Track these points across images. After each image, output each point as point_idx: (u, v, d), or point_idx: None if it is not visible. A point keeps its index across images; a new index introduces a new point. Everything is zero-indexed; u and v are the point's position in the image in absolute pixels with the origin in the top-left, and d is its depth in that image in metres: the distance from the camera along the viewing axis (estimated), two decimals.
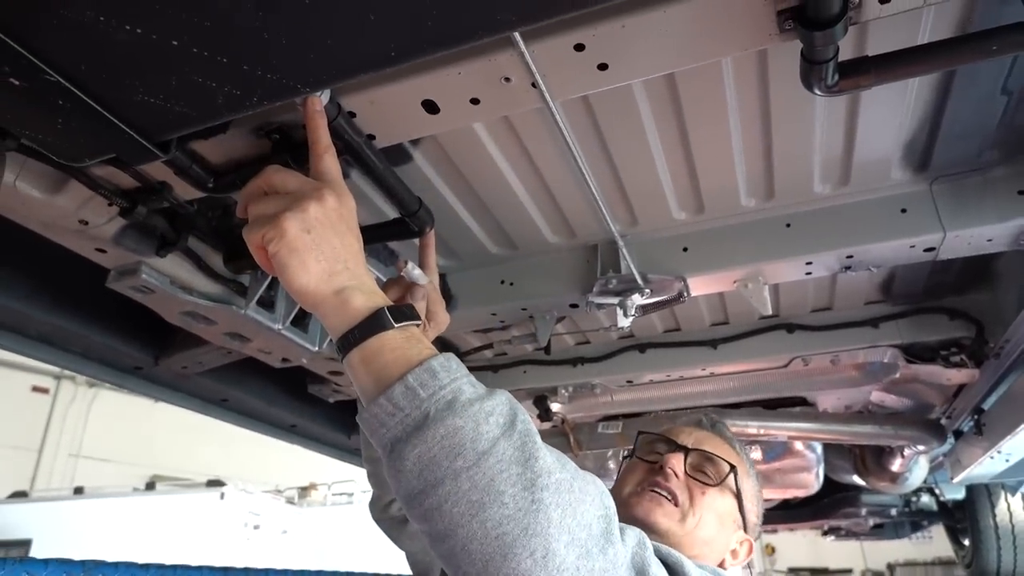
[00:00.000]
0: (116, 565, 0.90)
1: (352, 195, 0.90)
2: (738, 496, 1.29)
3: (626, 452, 1.56)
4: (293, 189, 0.82)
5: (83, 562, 0.87)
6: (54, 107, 0.72)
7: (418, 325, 0.82)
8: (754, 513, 1.34)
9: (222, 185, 1.22)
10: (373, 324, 0.77)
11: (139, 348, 1.93)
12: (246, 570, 1.12)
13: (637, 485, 1.29)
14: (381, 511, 1.40)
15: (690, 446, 1.32)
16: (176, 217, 1.47)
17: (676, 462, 1.28)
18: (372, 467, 1.38)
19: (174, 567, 0.99)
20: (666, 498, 1.24)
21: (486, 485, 0.68)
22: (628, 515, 1.23)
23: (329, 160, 0.88)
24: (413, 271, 1.14)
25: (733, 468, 1.30)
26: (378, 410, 0.73)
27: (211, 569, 1.05)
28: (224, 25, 0.64)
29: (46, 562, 0.83)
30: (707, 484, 1.28)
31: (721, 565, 1.27)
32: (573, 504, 0.71)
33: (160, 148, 0.83)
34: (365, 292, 0.79)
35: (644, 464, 1.34)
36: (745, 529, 1.32)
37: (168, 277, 1.53)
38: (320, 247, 0.78)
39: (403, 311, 0.80)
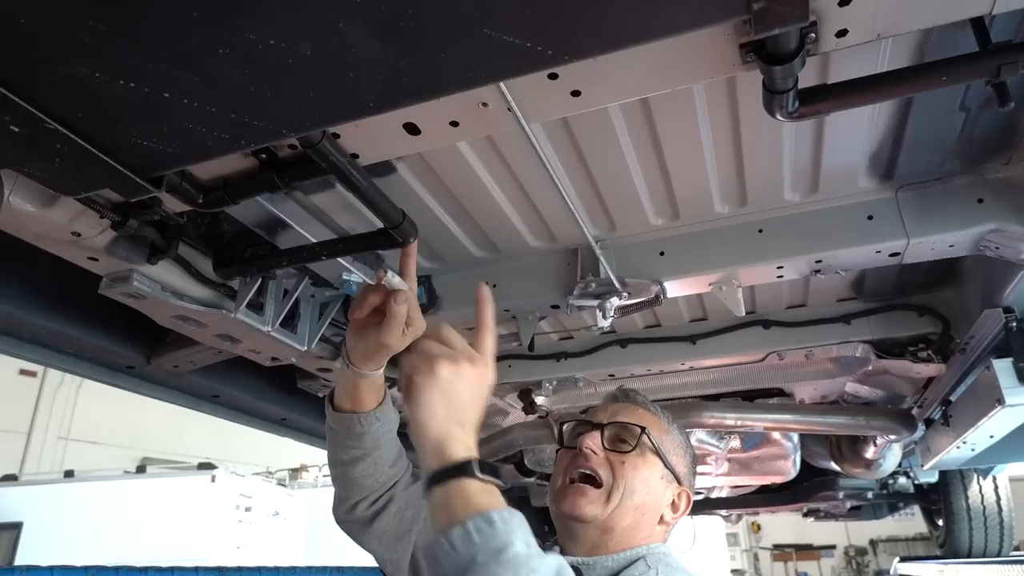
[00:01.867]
0: (117, 570, 0.96)
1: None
2: (658, 453, 1.33)
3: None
4: (458, 347, 0.99)
5: (85, 568, 0.92)
6: (52, 150, 0.76)
7: (501, 487, 0.91)
8: (682, 464, 1.38)
9: (211, 201, 1.26)
10: (462, 469, 0.88)
11: (131, 348, 1.97)
12: (239, 569, 1.18)
13: (564, 475, 1.33)
14: (346, 512, 1.38)
15: (605, 421, 1.36)
16: (166, 227, 1.51)
17: (592, 441, 1.32)
18: (339, 470, 1.38)
19: (171, 569, 1.05)
20: (590, 484, 1.29)
21: None
22: (557, 511, 1.30)
23: (489, 338, 1.04)
24: (393, 279, 1.20)
25: (643, 429, 1.33)
26: (438, 548, 0.81)
27: (207, 569, 1.11)
28: (212, 80, 0.69)
29: (51, 570, 0.89)
30: (624, 452, 1.31)
31: (662, 521, 1.32)
32: None
33: (152, 183, 0.88)
34: (466, 447, 0.91)
35: (568, 451, 1.38)
36: (679, 481, 1.36)
37: (159, 283, 1.58)
38: (452, 398, 0.94)
39: (490, 466, 0.91)
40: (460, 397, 0.95)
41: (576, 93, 1.07)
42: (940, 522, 4.79)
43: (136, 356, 2.00)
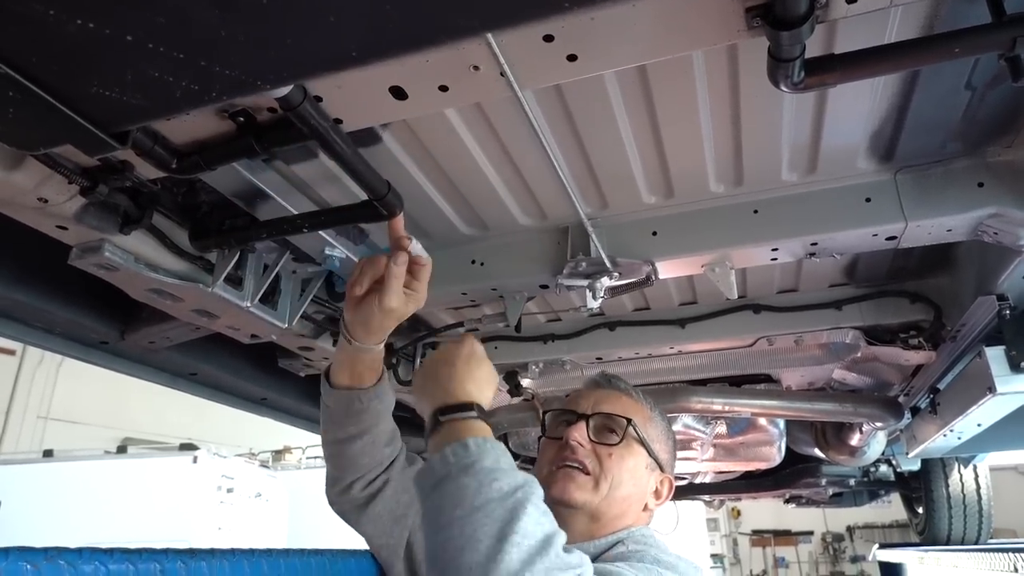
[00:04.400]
0: (80, 551, 0.91)
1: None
2: (643, 443, 1.35)
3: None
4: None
5: (45, 550, 0.87)
6: (4, 98, 0.70)
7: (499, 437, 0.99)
8: (664, 451, 1.40)
9: (186, 166, 1.20)
10: (458, 408, 1.07)
11: (104, 323, 1.90)
12: (211, 551, 1.13)
13: (551, 464, 1.33)
14: (340, 493, 1.39)
15: (590, 411, 1.36)
16: (140, 195, 1.44)
17: (578, 433, 1.33)
18: (334, 448, 1.38)
19: (139, 551, 1.00)
20: (578, 469, 1.29)
21: (470, 533, 0.85)
22: (546, 496, 1.28)
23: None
24: (417, 245, 1.26)
25: (629, 421, 1.35)
26: (419, 471, 1.01)
27: (176, 552, 1.06)
28: (179, 21, 0.63)
29: (6, 551, 0.83)
30: (611, 445, 1.32)
31: (646, 508, 1.35)
32: (535, 562, 0.83)
33: (117, 139, 0.81)
34: (467, 395, 1.11)
35: (553, 442, 1.37)
36: (661, 469, 1.38)
37: (132, 255, 1.51)
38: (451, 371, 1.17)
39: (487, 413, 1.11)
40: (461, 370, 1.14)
41: (572, 58, 1.01)
42: (920, 509, 4.84)
43: (110, 331, 1.93)
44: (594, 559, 1.18)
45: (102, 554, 0.97)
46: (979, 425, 2.24)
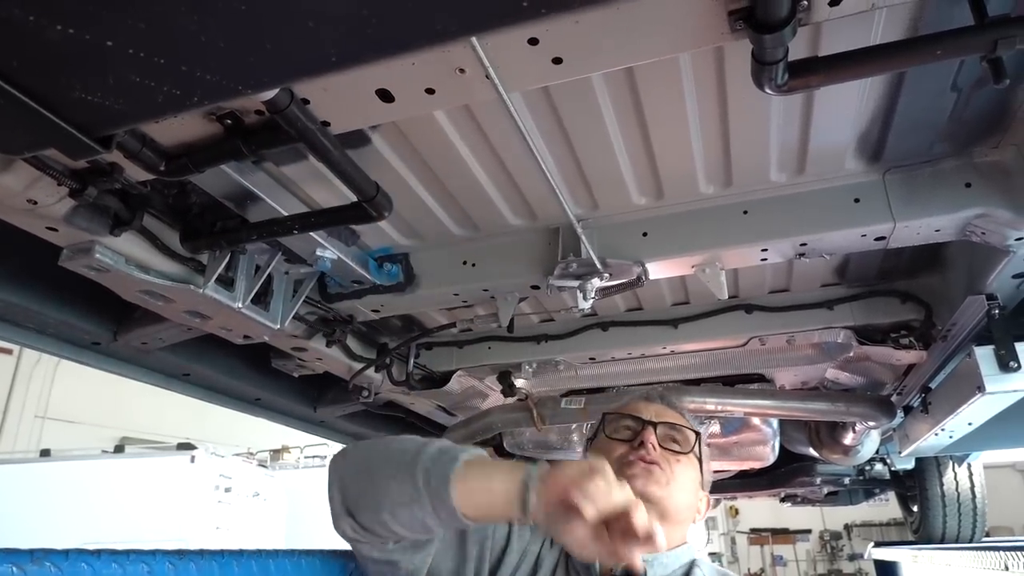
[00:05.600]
0: (67, 553, 0.91)
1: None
2: (699, 459, 1.39)
3: (588, 431, 1.59)
4: None
5: (31, 551, 0.87)
6: None
7: None
8: (708, 471, 1.45)
9: (174, 168, 1.20)
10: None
11: (97, 324, 1.91)
12: (200, 552, 1.13)
13: (620, 461, 1.32)
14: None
15: (656, 420, 1.38)
16: (130, 196, 1.45)
17: (652, 436, 1.34)
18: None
19: (127, 552, 1.00)
20: (656, 466, 1.31)
21: None
22: None
23: None
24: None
25: (698, 434, 1.40)
26: None
27: (164, 552, 1.06)
28: (159, 28, 0.63)
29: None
30: (681, 453, 1.35)
31: (693, 519, 1.39)
32: None
33: (101, 143, 0.82)
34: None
35: (619, 442, 1.37)
36: (703, 487, 1.43)
37: (123, 256, 1.51)
38: None
39: None
40: None
41: (557, 60, 1.02)
42: (915, 508, 4.84)
43: (102, 332, 1.93)
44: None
45: (89, 555, 0.98)
46: (970, 424, 2.24)
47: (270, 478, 10.01)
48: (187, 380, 2.34)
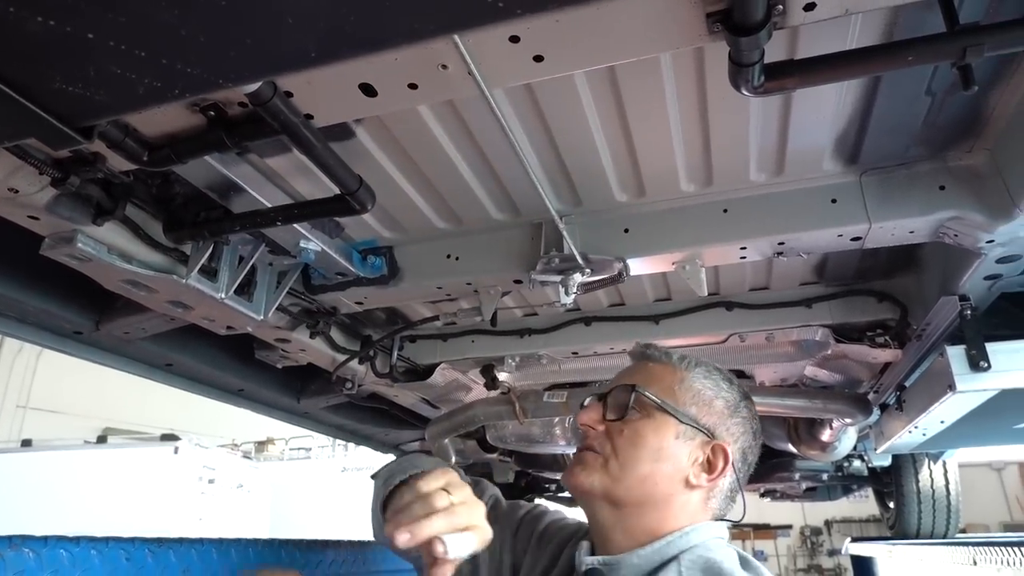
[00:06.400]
0: (45, 539, 0.92)
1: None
2: (665, 408, 1.15)
3: (571, 424, 1.56)
4: None
5: (10, 537, 0.88)
6: None
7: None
8: (711, 413, 1.17)
9: (157, 159, 1.21)
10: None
11: (79, 313, 1.90)
12: (180, 540, 1.14)
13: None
14: None
15: (607, 390, 1.24)
16: (112, 186, 1.45)
17: (588, 416, 1.21)
18: None
19: (106, 539, 1.01)
20: (591, 451, 1.18)
21: None
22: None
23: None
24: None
25: (633, 387, 1.18)
26: None
27: (144, 540, 1.07)
28: (139, 20, 0.64)
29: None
30: (623, 420, 1.17)
31: (693, 486, 1.14)
32: None
33: (82, 133, 0.83)
34: None
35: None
36: (710, 435, 1.16)
37: (105, 246, 1.51)
38: None
39: None
40: None
41: (539, 58, 1.03)
42: (891, 504, 4.92)
43: (84, 321, 1.92)
44: None
45: (68, 542, 0.99)
46: (942, 422, 2.29)
47: (254, 470, 10.00)
48: (170, 370, 2.33)
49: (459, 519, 0.98)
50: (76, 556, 0.99)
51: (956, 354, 1.89)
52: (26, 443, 9.23)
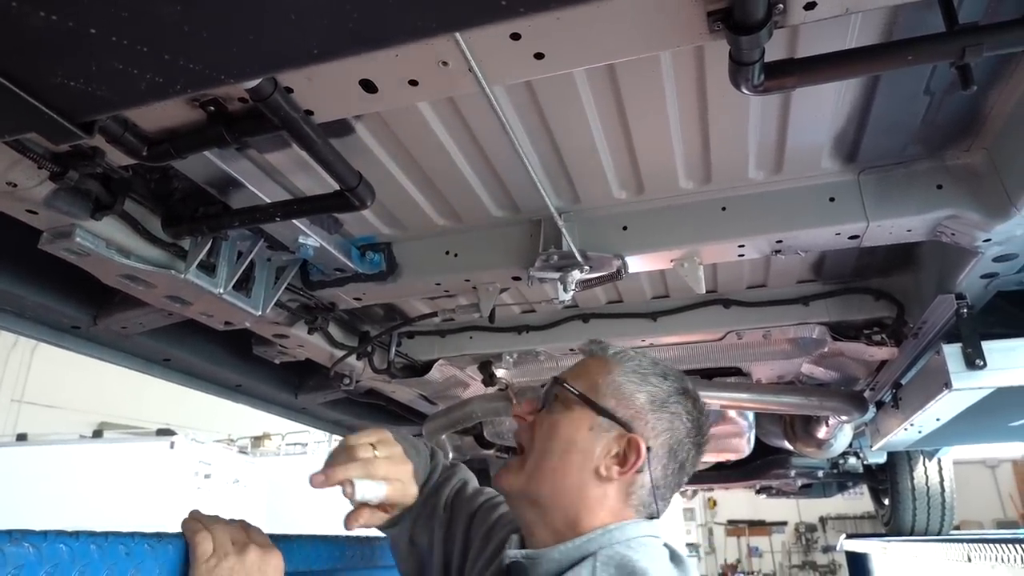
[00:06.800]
0: (45, 534, 0.92)
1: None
2: (585, 399, 1.13)
3: None
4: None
5: (10, 532, 0.88)
6: None
7: None
8: (629, 406, 1.12)
9: (157, 154, 1.21)
10: None
11: (76, 308, 1.90)
12: (178, 534, 1.15)
13: None
14: None
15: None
16: (111, 181, 1.45)
17: (521, 408, 1.22)
18: None
19: (105, 534, 1.01)
20: (515, 452, 1.20)
21: None
22: None
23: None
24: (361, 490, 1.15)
25: (555, 380, 1.17)
26: None
27: (143, 535, 1.08)
28: (142, 16, 0.64)
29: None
30: (540, 412, 1.18)
31: (603, 478, 1.10)
32: None
33: (83, 128, 0.82)
34: None
35: None
36: (626, 427, 1.11)
37: (104, 240, 1.51)
38: None
39: None
40: None
41: (539, 56, 1.03)
42: (886, 501, 4.95)
43: (81, 316, 1.92)
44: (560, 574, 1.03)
45: (68, 536, 0.99)
46: (938, 420, 2.30)
47: (251, 465, 9.99)
48: (167, 365, 2.33)
49: (377, 470, 1.15)
50: (76, 550, 0.99)
51: (952, 352, 1.90)
52: (21, 437, 9.21)
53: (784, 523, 19.19)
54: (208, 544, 1.05)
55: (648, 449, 1.10)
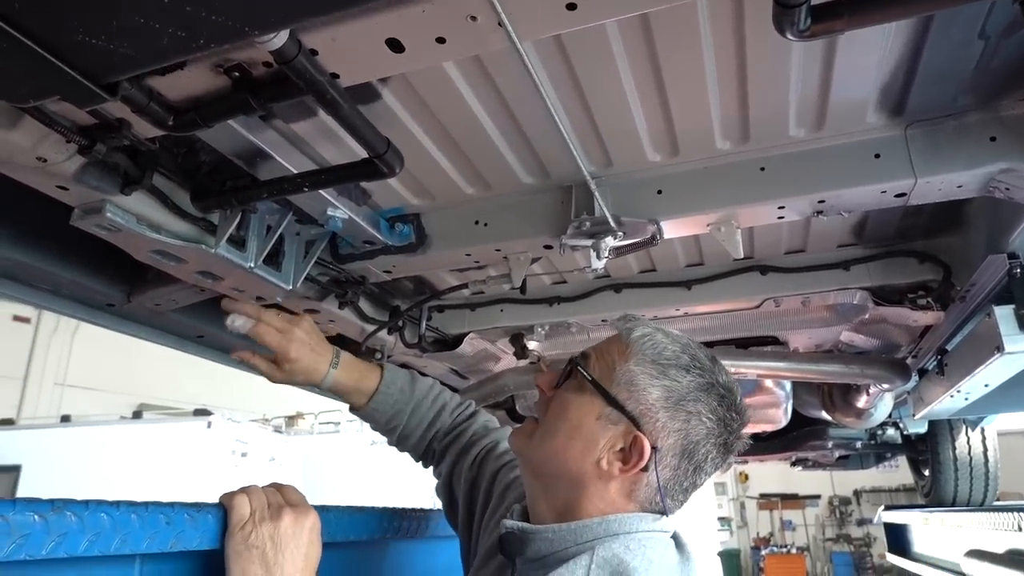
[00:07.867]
0: (86, 503, 0.92)
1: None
2: (597, 386, 1.06)
3: None
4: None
5: (52, 501, 0.89)
6: None
7: None
8: (640, 401, 1.04)
9: (182, 123, 1.19)
10: None
11: (110, 285, 1.91)
12: (219, 505, 1.15)
13: None
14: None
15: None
16: (139, 154, 1.44)
17: (541, 378, 1.18)
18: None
19: (145, 504, 1.02)
20: (531, 418, 1.19)
21: None
22: None
23: None
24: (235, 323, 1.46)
25: (572, 360, 1.12)
26: None
27: (183, 505, 1.08)
28: None
29: (13, 502, 0.85)
30: (557, 388, 1.13)
31: (603, 472, 1.04)
32: None
33: (107, 90, 0.80)
34: None
35: None
36: (635, 424, 1.03)
37: (134, 215, 1.51)
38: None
39: None
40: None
41: (572, 7, 0.99)
42: (926, 472, 4.86)
43: (115, 294, 1.94)
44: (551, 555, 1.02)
45: (109, 506, 0.99)
46: (986, 386, 2.23)
47: (285, 443, 10.20)
48: (201, 342, 2.35)
49: (271, 320, 1.45)
50: (117, 520, 0.99)
51: (1004, 314, 1.82)
52: (65, 419, 9.50)
53: (817, 496, 19.03)
54: (245, 509, 1.06)
55: (655, 450, 1.03)
